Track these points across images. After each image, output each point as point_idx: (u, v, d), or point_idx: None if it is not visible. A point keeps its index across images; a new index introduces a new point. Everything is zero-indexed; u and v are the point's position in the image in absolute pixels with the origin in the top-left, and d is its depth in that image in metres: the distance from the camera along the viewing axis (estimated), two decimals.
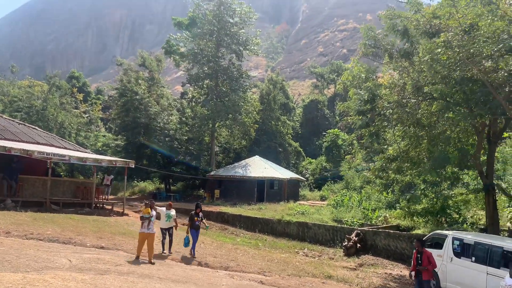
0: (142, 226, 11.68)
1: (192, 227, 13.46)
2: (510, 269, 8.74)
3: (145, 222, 11.60)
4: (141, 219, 11.79)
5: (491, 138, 17.37)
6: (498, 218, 18.15)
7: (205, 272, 11.72)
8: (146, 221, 11.59)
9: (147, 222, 11.60)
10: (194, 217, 13.52)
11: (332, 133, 47.74)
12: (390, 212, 25.11)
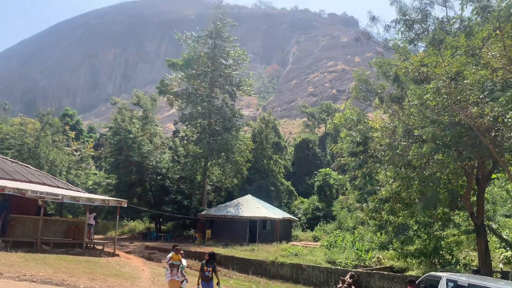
0: (172, 273, 11.12)
1: (203, 279, 11.99)
2: None
3: (174, 270, 11.10)
4: (171, 267, 11.20)
5: (480, 180, 17.84)
6: (490, 259, 18.29)
7: None
8: (175, 269, 11.12)
9: (176, 270, 11.14)
10: (204, 267, 12.03)
11: (324, 172, 48.11)
12: (383, 253, 25.04)
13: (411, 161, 16.63)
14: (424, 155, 16.72)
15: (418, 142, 16.44)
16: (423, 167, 16.31)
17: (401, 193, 17.85)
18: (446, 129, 14.27)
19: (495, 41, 12.10)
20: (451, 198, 17.59)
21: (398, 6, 17.80)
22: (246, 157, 42.96)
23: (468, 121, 13.08)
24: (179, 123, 45.54)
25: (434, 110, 13.72)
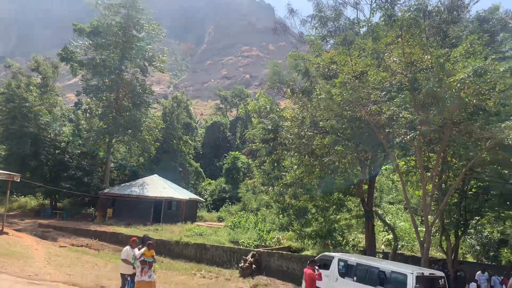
0: (142, 272, 9.40)
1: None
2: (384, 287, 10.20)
3: (145, 268, 9.41)
4: (142, 264, 9.45)
5: (372, 170, 19.83)
6: (375, 242, 20.58)
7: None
8: (146, 267, 9.43)
9: (147, 268, 9.45)
10: None
11: (233, 156, 49.01)
12: (283, 234, 26.63)
13: (314, 150, 17.87)
14: (326, 146, 18.07)
15: (322, 133, 17.69)
16: (324, 156, 17.62)
17: (304, 179, 19.11)
18: (348, 123, 15.58)
19: (397, 48, 13.46)
20: (346, 185, 19.33)
21: (315, 3, 18.74)
22: (155, 136, 41.83)
23: (367, 117, 14.43)
24: (82, 95, 42.43)
25: (339, 105, 14.86)
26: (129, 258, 10.49)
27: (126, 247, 10.78)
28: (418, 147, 14.29)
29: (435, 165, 15.96)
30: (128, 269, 10.56)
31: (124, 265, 10.60)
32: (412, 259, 21.00)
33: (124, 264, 10.60)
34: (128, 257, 10.53)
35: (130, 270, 10.53)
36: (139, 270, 9.42)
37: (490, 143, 13.64)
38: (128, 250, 10.66)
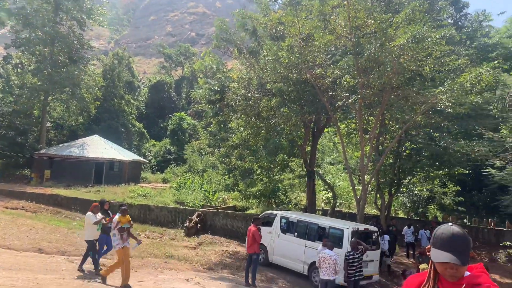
0: (123, 239, 9.18)
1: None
2: (324, 241, 10.83)
3: (124, 235, 9.22)
4: (120, 231, 9.18)
5: (315, 132, 20.46)
6: (315, 200, 21.56)
7: (41, 258, 10.95)
8: (125, 233, 9.25)
9: (126, 234, 9.29)
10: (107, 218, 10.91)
11: (178, 117, 48.11)
12: (228, 194, 27.10)
13: (261, 112, 18.00)
14: (272, 108, 18.26)
15: (269, 95, 17.79)
16: (270, 118, 17.84)
17: (250, 140, 19.33)
18: (293, 85, 15.77)
19: (342, 11, 13.59)
20: (291, 146, 19.85)
21: None
22: (94, 94, 39.75)
23: (312, 80, 14.69)
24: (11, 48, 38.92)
25: (286, 68, 14.94)
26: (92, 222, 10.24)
27: (89, 213, 10.35)
28: (359, 110, 14.87)
29: (373, 128, 16.75)
30: (95, 235, 10.32)
31: (91, 231, 10.22)
32: (349, 215, 22.40)
33: (91, 230, 10.21)
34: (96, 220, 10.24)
35: (96, 236, 10.33)
36: (118, 237, 9.14)
37: (425, 107, 14.50)
38: (92, 215, 10.29)
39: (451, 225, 2.19)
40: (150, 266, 12.33)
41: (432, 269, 2.20)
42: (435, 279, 2.18)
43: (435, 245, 2.15)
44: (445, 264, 2.09)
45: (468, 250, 2.11)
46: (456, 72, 15.11)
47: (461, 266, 2.07)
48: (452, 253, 2.06)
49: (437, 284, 2.17)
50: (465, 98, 13.33)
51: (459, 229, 2.15)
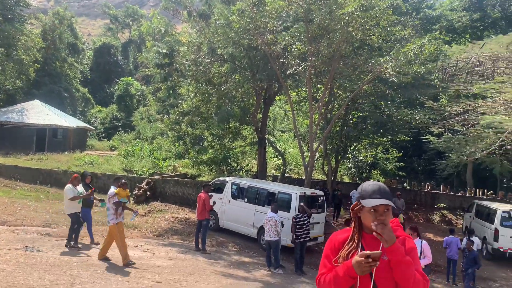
0: (117, 214, 8.58)
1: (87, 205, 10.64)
2: (271, 205, 11.13)
3: (119, 210, 8.65)
4: (116, 205, 8.57)
5: (267, 100, 20.55)
6: (266, 166, 21.93)
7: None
8: (120, 208, 8.69)
9: (121, 209, 8.73)
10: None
11: (126, 82, 46.20)
12: (179, 161, 26.86)
13: (212, 78, 17.71)
14: (223, 74, 18.01)
15: (220, 60, 17.49)
16: (221, 84, 17.62)
17: (201, 107, 19.07)
18: (245, 51, 15.58)
19: None
20: (242, 114, 19.85)
21: None
22: (33, 56, 37.00)
23: (264, 46, 14.58)
24: None
25: (237, 32, 14.67)
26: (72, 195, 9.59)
27: (68, 185, 9.67)
28: (308, 78, 15.04)
29: (322, 96, 17.09)
30: (77, 208, 9.74)
31: (72, 204, 9.64)
32: (298, 181, 23.09)
33: (72, 203, 9.61)
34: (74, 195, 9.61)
35: (78, 208, 9.77)
36: (112, 212, 8.58)
37: (371, 76, 14.95)
38: (71, 188, 9.63)
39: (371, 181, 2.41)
40: (98, 234, 12.07)
41: (357, 226, 2.34)
42: (359, 235, 2.32)
43: (365, 196, 2.29)
44: (375, 212, 2.23)
45: (390, 199, 2.28)
46: (402, 42, 15.60)
47: (391, 210, 2.23)
48: (380, 196, 2.23)
49: (360, 241, 2.31)
50: (409, 68, 13.85)
51: (379, 182, 2.36)
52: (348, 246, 2.32)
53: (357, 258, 2.12)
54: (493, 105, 15.63)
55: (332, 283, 2.24)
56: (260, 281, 9.11)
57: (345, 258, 2.27)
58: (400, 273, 2.17)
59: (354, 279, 2.19)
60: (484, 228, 15.36)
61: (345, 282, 2.21)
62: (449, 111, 17.05)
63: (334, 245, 2.39)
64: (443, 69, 18.09)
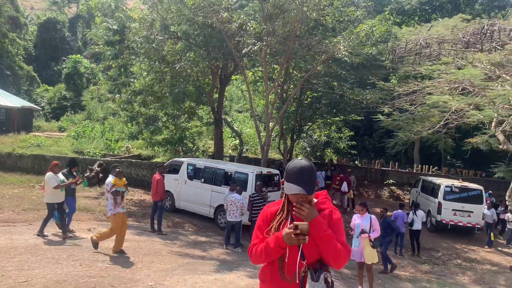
0: (116, 204, 8.26)
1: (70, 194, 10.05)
2: (230, 186, 11.19)
3: (118, 199, 8.30)
4: (115, 195, 8.24)
5: (223, 79, 20.34)
6: (223, 147, 21.89)
7: None
8: (119, 197, 8.33)
9: (120, 198, 8.37)
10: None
11: (74, 59, 43.87)
12: (132, 142, 26.17)
13: (165, 56, 17.23)
14: (177, 52, 17.57)
15: (173, 38, 17.01)
16: (176, 63, 17.20)
17: (154, 86, 18.57)
18: (200, 29, 15.24)
19: None
20: (198, 93, 19.55)
21: None
22: None
23: (219, 24, 14.32)
24: None
25: (191, 9, 14.29)
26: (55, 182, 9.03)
27: (49, 173, 9.10)
28: (264, 58, 15.03)
29: (278, 76, 17.17)
30: (59, 197, 9.18)
31: (54, 193, 9.07)
32: (254, 160, 23.28)
33: (54, 191, 9.02)
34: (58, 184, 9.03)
35: (60, 198, 9.22)
36: (111, 202, 8.27)
37: (325, 57, 15.18)
38: (53, 176, 9.07)
39: (301, 159, 2.43)
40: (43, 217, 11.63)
41: (286, 199, 2.45)
42: (289, 207, 2.43)
43: (288, 179, 2.38)
44: (296, 194, 2.33)
45: (314, 181, 2.37)
46: (355, 23, 15.92)
47: (309, 195, 2.32)
48: (301, 185, 2.30)
49: (290, 212, 2.41)
50: (361, 48, 14.19)
51: (307, 162, 2.39)
52: (279, 217, 2.43)
53: (286, 230, 2.23)
54: (438, 86, 16.41)
55: (263, 252, 2.34)
56: (217, 259, 9.21)
57: (276, 229, 2.38)
58: (322, 246, 2.30)
59: (283, 250, 2.30)
60: (428, 202, 16.33)
61: (275, 253, 2.32)
62: (399, 91, 17.74)
63: (266, 216, 2.49)
64: (393, 50, 18.70)
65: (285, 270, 2.34)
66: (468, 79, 14.70)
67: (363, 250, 8.07)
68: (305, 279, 2.31)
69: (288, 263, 2.34)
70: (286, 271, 2.34)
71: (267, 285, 2.46)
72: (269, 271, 2.43)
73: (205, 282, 6.96)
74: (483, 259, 13.30)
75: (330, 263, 2.35)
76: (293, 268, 2.33)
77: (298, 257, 2.33)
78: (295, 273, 2.32)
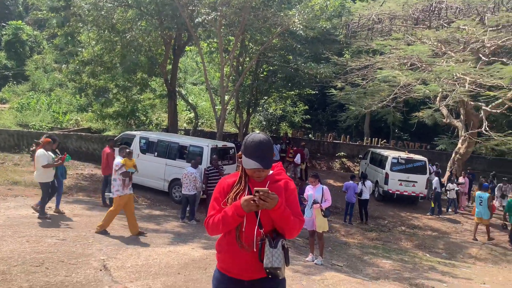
0: (124, 186, 7.95)
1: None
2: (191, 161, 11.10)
3: (126, 180, 7.98)
4: (124, 176, 7.93)
5: (176, 50, 19.80)
6: (177, 120, 21.55)
7: None
8: (127, 179, 8.01)
9: (128, 180, 8.04)
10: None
11: (15, 26, 40.74)
12: (81, 115, 25.11)
13: (115, 25, 16.44)
14: (128, 20, 16.82)
15: (124, 5, 16.23)
16: (126, 32, 16.48)
17: (104, 56, 17.77)
18: None
19: None
20: (150, 64, 18.95)
21: None
22: None
23: None
24: None
25: None
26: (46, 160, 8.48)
27: (41, 150, 8.48)
28: (219, 28, 14.73)
29: (233, 48, 16.95)
30: (51, 175, 8.70)
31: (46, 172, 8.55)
32: (210, 134, 23.16)
33: (46, 170, 8.51)
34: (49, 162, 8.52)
35: (52, 176, 8.73)
36: (119, 183, 7.96)
37: (280, 29, 15.11)
38: (45, 153, 8.48)
39: (258, 133, 2.46)
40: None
41: (243, 171, 2.49)
42: (246, 179, 2.47)
43: (245, 154, 2.41)
44: (254, 169, 2.37)
45: (271, 155, 2.42)
46: None
47: (266, 169, 2.38)
48: (258, 160, 2.34)
49: (247, 183, 2.46)
50: (316, 22, 14.26)
51: (264, 136, 2.43)
52: (236, 188, 2.47)
53: (245, 197, 2.28)
54: (389, 61, 16.94)
55: (221, 222, 2.37)
56: (171, 232, 9.20)
57: (233, 200, 2.41)
58: (280, 223, 2.39)
59: (241, 218, 2.35)
60: (377, 173, 17.10)
61: (233, 221, 2.35)
62: (351, 66, 18.13)
63: (223, 188, 2.52)
64: (346, 25, 18.95)
65: (242, 239, 2.39)
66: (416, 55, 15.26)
67: (315, 219, 8.36)
68: (263, 246, 2.37)
69: (245, 232, 2.38)
70: (244, 240, 2.38)
71: (224, 255, 2.50)
72: (226, 241, 2.47)
73: (159, 255, 6.95)
74: (425, 225, 14.24)
75: (285, 234, 2.44)
76: (251, 237, 2.38)
77: (256, 226, 2.38)
78: (253, 241, 2.38)
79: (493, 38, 15.16)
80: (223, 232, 2.45)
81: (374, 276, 8.09)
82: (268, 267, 2.33)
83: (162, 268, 6.27)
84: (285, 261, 2.39)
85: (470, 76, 13.43)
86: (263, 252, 2.36)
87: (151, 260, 6.61)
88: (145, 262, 6.50)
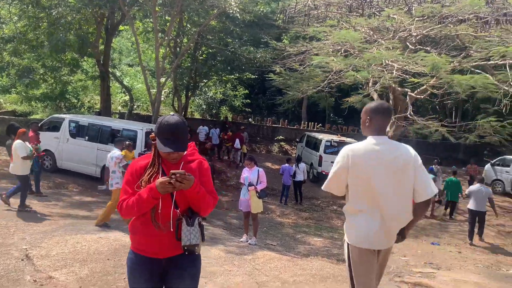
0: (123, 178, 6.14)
1: None
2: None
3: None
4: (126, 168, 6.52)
5: (109, 29, 18.86)
6: (110, 103, 20.68)
7: None
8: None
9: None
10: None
11: None
12: (4, 97, 23.26)
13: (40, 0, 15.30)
14: None
15: None
16: (53, 8, 15.39)
17: (28, 33, 16.51)
18: None
19: None
20: (81, 44, 17.90)
21: None
22: None
23: None
24: None
25: None
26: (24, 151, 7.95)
27: (18, 141, 7.95)
28: (154, 7, 14.24)
29: (169, 28, 16.50)
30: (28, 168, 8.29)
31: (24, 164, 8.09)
32: (147, 117, 22.51)
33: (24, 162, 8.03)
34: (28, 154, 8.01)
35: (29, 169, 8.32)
36: (119, 175, 7.64)
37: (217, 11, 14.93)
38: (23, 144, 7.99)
39: (173, 115, 2.41)
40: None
41: (156, 153, 2.45)
42: (159, 161, 2.45)
43: (159, 136, 2.37)
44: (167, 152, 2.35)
45: (185, 137, 2.40)
46: None
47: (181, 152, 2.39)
48: (172, 143, 2.32)
49: (161, 165, 2.44)
50: (253, 6, 14.24)
51: (178, 118, 2.39)
52: (149, 170, 2.43)
53: (161, 180, 2.25)
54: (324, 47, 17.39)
55: (135, 205, 2.34)
56: None
57: (147, 182, 2.38)
58: (196, 203, 2.42)
59: (157, 200, 2.33)
60: (312, 155, 17.70)
61: (149, 204, 2.33)
62: (289, 51, 18.40)
63: (135, 170, 2.48)
64: (284, 10, 19.13)
65: (158, 220, 2.38)
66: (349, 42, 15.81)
67: (250, 200, 8.52)
68: (180, 225, 2.39)
69: (161, 213, 2.37)
70: (160, 220, 2.38)
71: (139, 236, 2.48)
72: (140, 223, 2.45)
73: (88, 241, 6.72)
74: None
75: (200, 212, 2.47)
76: (167, 217, 2.38)
77: (172, 207, 2.38)
78: (169, 221, 2.38)
79: (419, 28, 16.09)
80: (138, 214, 2.42)
81: (305, 253, 8.45)
82: (187, 244, 2.36)
83: (90, 254, 6.08)
84: (202, 238, 2.43)
85: (397, 63, 14.19)
86: (180, 231, 2.39)
87: (79, 247, 6.37)
88: (72, 249, 6.25)
